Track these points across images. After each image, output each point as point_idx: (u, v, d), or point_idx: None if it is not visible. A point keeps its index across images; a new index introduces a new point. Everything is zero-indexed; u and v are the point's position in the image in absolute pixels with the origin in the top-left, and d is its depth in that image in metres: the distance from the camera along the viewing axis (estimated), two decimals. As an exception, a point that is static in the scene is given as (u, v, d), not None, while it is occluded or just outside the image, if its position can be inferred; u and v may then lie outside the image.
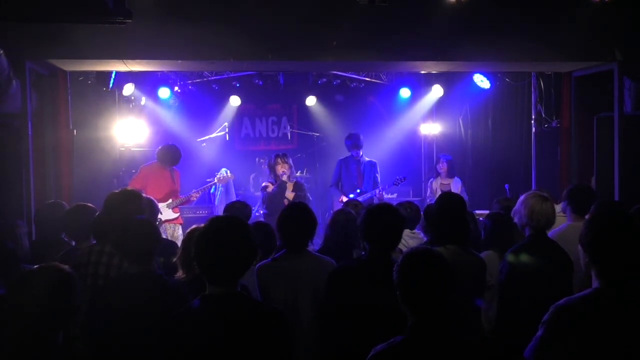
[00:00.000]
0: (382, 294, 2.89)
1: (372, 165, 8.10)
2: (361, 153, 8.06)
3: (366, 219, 3.36)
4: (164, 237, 6.68)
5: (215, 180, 8.09)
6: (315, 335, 3.47)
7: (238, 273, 2.44)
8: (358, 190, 7.92)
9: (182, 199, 7.39)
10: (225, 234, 2.41)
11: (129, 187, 6.37)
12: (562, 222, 4.50)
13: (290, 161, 7.04)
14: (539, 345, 2.38)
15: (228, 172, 8.22)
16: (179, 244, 3.98)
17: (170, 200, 7.27)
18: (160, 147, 7.51)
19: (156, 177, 7.30)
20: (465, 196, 8.00)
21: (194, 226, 3.70)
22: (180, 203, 7.42)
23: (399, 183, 8.04)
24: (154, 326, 2.55)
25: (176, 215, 7.38)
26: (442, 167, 8.40)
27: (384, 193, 7.94)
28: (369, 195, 7.77)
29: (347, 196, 7.86)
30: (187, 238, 3.58)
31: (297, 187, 7.04)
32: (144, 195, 4.54)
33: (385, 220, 3.32)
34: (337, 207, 7.84)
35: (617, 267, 2.36)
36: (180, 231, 7.35)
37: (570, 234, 4.09)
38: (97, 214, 4.05)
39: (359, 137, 8.05)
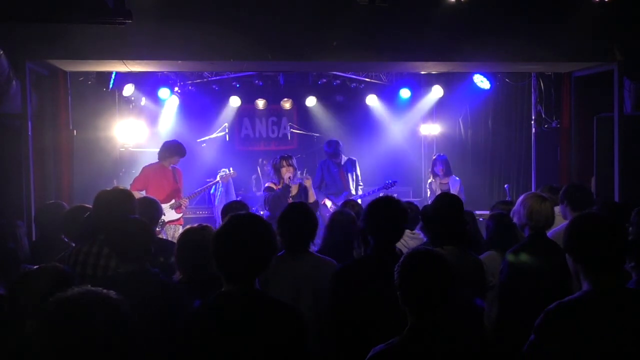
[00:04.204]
0: (392, 287, 2.87)
1: (352, 163, 8.20)
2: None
3: (369, 212, 3.31)
4: (164, 237, 6.70)
5: (218, 179, 8.11)
6: (315, 335, 3.46)
7: (257, 270, 2.44)
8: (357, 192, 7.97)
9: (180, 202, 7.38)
10: (245, 231, 2.41)
11: (132, 189, 6.39)
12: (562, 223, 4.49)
13: (295, 163, 7.03)
14: (530, 350, 2.39)
15: (230, 169, 8.22)
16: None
17: (173, 201, 7.26)
18: (161, 145, 7.49)
19: (158, 178, 7.27)
20: (462, 196, 8.01)
21: (187, 226, 3.68)
22: (179, 205, 7.40)
23: (389, 187, 8.06)
24: (152, 325, 2.55)
25: (179, 216, 7.37)
26: (439, 169, 8.37)
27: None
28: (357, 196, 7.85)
29: (329, 199, 8.00)
30: (181, 239, 3.54)
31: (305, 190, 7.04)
32: (144, 195, 4.52)
33: (387, 211, 3.28)
34: (321, 209, 7.88)
35: (599, 265, 2.37)
36: (180, 232, 7.33)
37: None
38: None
39: (338, 144, 8.18)
